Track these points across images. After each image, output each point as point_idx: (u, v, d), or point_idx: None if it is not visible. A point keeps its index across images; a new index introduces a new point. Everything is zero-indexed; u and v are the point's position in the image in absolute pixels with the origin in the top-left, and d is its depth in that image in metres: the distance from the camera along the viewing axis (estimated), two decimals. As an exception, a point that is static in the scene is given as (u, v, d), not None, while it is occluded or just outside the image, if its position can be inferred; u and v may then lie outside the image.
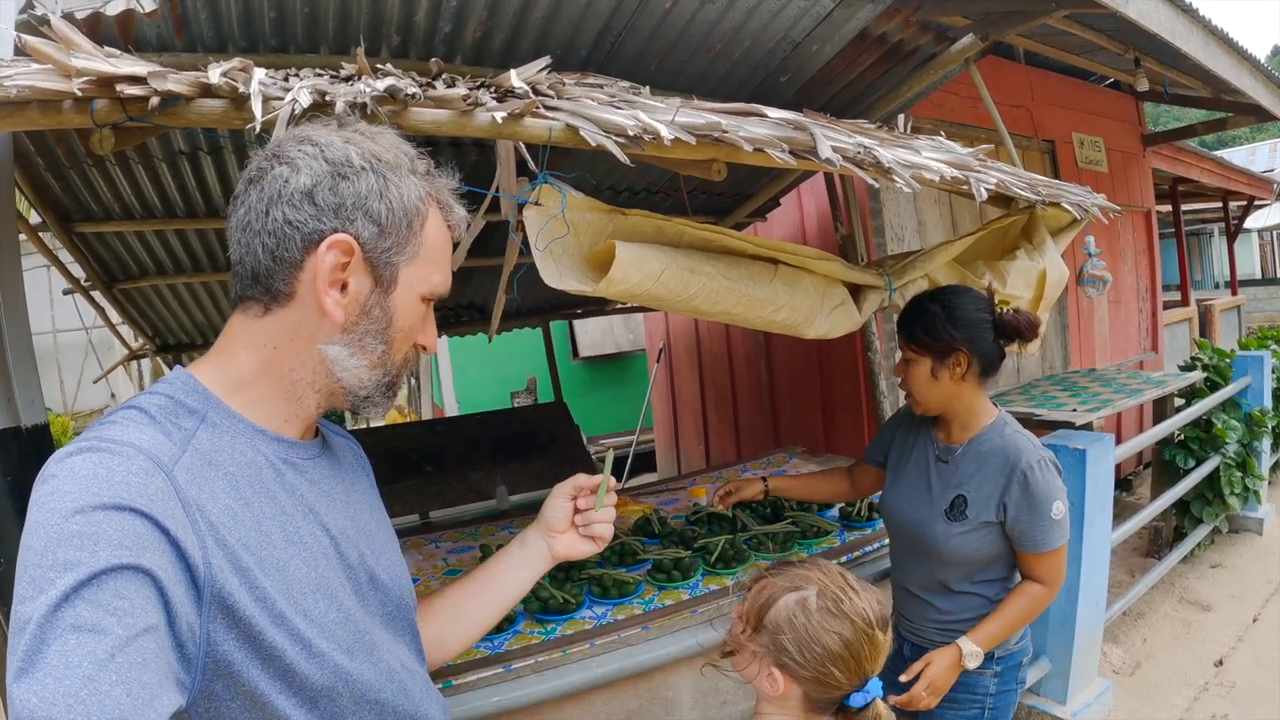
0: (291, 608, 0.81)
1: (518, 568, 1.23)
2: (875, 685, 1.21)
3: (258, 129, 1.03)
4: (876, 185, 1.59)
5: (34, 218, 2.79)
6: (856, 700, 1.19)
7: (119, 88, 1.02)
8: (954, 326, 1.76)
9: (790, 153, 1.44)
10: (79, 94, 1.01)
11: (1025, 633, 1.90)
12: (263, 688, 0.78)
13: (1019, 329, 1.77)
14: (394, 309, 0.92)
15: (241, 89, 1.08)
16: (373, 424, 8.67)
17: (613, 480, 1.21)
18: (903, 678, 1.74)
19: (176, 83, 1.06)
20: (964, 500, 1.79)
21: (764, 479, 2.29)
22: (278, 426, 0.91)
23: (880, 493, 2.08)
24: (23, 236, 2.44)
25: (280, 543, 0.84)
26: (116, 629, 0.64)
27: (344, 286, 0.88)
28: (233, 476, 0.82)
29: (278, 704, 0.80)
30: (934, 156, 1.82)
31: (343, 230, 0.86)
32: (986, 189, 1.85)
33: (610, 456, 1.26)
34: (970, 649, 1.74)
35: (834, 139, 1.52)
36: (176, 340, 4.13)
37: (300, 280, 0.87)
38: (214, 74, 1.07)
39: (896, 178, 1.57)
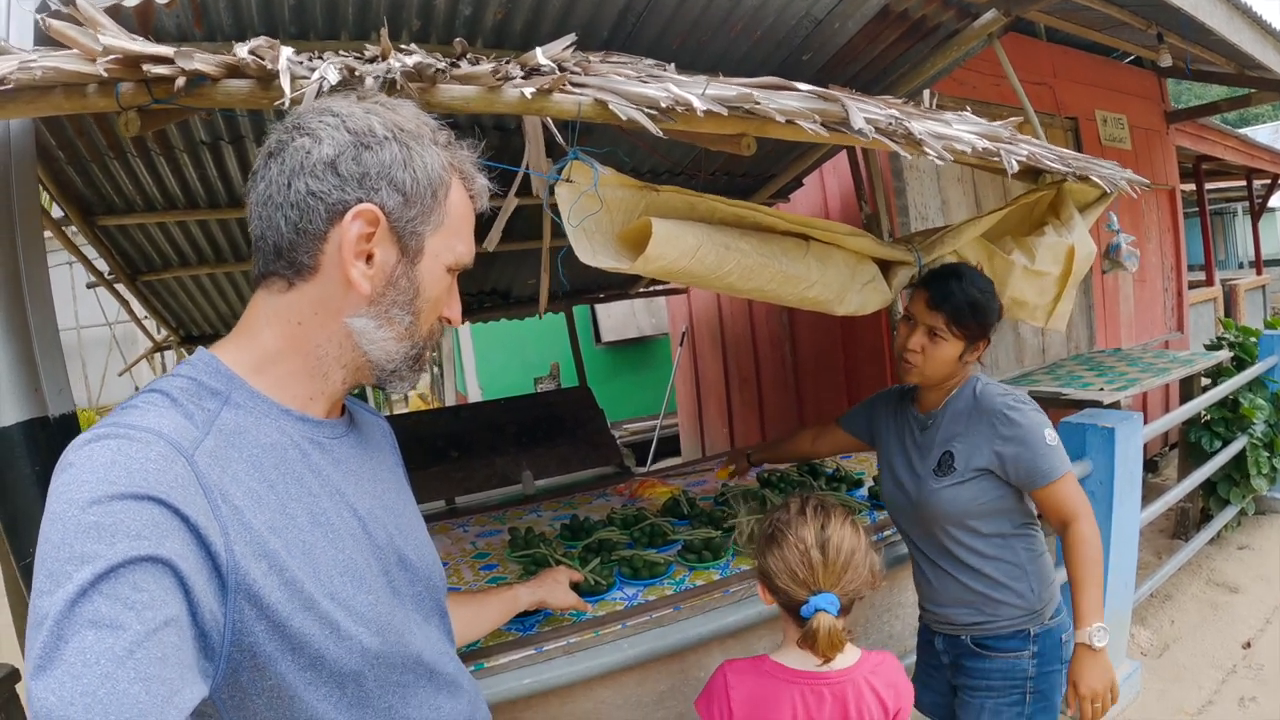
0: (319, 591, 0.80)
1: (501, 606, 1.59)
2: (821, 599, 1.38)
3: (286, 105, 1.02)
4: (909, 158, 1.56)
5: (56, 212, 2.80)
6: (804, 610, 1.38)
7: (145, 67, 1.01)
8: (994, 316, 1.80)
9: (822, 125, 1.41)
10: (105, 75, 1.00)
11: (1060, 607, 1.85)
12: (290, 679, 0.77)
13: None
14: (420, 279, 0.91)
15: (269, 66, 1.07)
16: (396, 411, 8.71)
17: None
18: (1063, 717, 1.69)
19: (203, 62, 1.04)
20: (950, 455, 1.79)
21: (747, 454, 2.65)
22: (303, 405, 0.90)
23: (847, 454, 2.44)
24: (47, 232, 2.46)
25: (306, 525, 0.82)
26: (135, 624, 0.63)
27: (369, 257, 0.87)
28: (256, 459, 0.81)
29: (303, 696, 0.79)
30: (964, 129, 1.79)
31: (367, 200, 0.85)
32: (1017, 160, 1.82)
33: None
34: (1091, 629, 1.65)
35: (866, 110, 1.50)
36: (200, 331, 4.16)
37: (325, 252, 0.86)
38: (241, 50, 1.06)
39: (929, 149, 1.54)
